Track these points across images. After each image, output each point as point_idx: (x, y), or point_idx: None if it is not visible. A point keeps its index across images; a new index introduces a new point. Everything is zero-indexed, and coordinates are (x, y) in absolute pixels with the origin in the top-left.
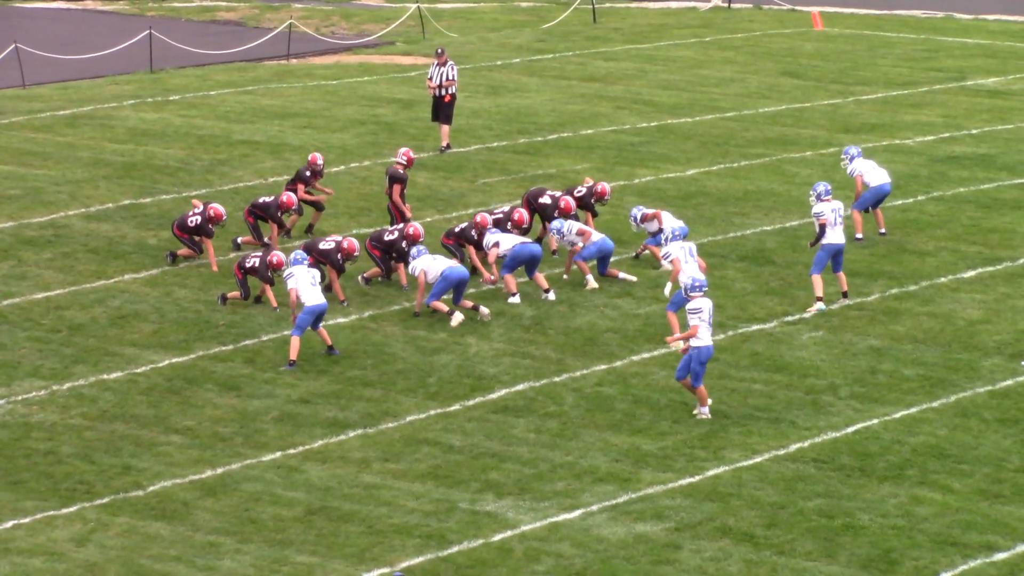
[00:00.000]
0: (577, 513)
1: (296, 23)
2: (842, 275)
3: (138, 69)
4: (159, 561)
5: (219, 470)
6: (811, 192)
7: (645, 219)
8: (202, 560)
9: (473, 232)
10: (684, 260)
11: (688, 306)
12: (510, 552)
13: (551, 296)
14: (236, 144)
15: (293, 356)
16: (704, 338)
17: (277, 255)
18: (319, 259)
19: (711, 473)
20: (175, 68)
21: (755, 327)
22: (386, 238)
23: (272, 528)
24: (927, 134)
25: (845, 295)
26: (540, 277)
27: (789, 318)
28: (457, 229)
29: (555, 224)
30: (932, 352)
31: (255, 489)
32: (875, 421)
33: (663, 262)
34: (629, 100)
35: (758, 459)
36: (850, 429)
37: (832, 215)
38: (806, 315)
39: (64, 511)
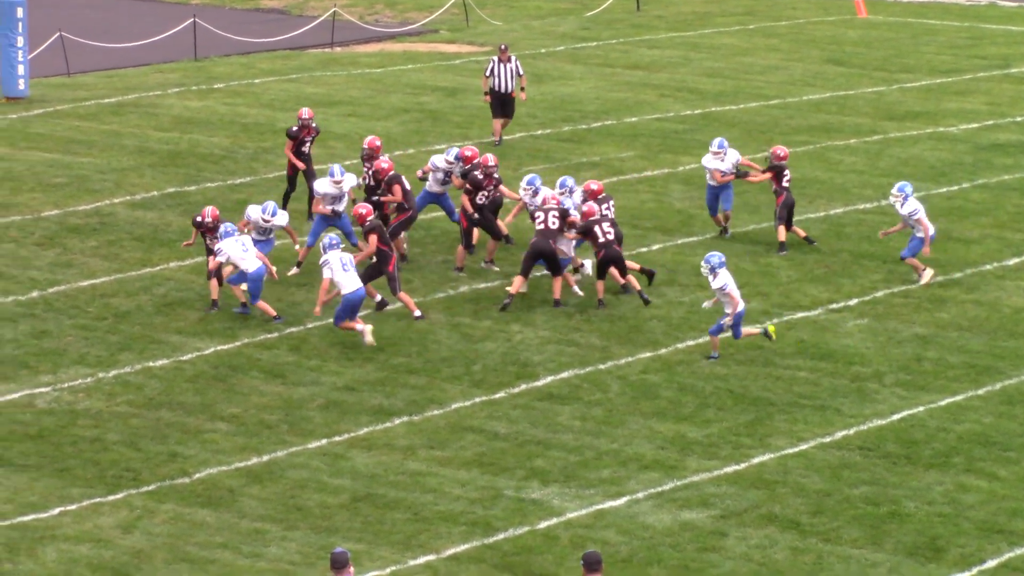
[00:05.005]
0: (623, 500)
1: (340, 11)
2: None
3: (183, 57)
4: (205, 548)
5: (265, 457)
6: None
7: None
8: (248, 547)
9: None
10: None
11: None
12: (556, 539)
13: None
14: (280, 132)
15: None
16: (348, 284)
17: (365, 206)
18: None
19: (756, 461)
20: (219, 56)
21: (800, 315)
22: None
23: (318, 515)
24: (971, 121)
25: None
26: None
27: (834, 306)
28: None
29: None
30: (977, 340)
31: (301, 476)
32: (920, 409)
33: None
34: (673, 88)
35: (804, 447)
36: (895, 417)
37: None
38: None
39: (110, 498)
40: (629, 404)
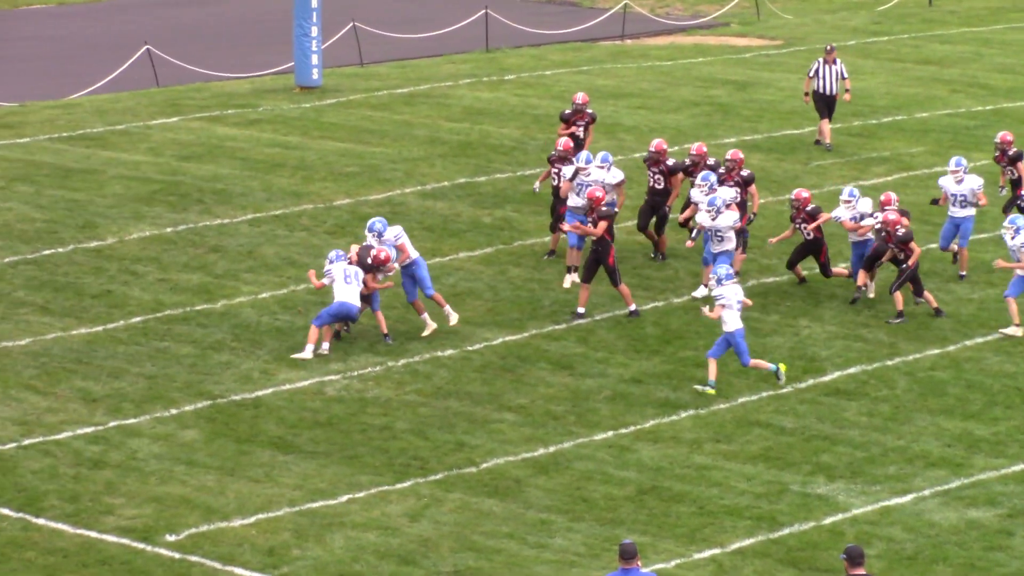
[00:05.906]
0: (909, 497)
1: (631, 4)
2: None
3: (474, 48)
4: (492, 538)
5: (551, 448)
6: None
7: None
8: (534, 537)
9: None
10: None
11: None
12: (841, 535)
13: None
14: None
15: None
16: (344, 295)
17: (600, 189)
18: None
19: None
20: (510, 47)
21: None
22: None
23: (603, 507)
24: None
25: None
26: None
27: None
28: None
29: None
30: None
31: (587, 468)
32: None
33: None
34: (964, 83)
35: None
36: None
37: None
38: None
39: (398, 486)
40: (916, 401)
